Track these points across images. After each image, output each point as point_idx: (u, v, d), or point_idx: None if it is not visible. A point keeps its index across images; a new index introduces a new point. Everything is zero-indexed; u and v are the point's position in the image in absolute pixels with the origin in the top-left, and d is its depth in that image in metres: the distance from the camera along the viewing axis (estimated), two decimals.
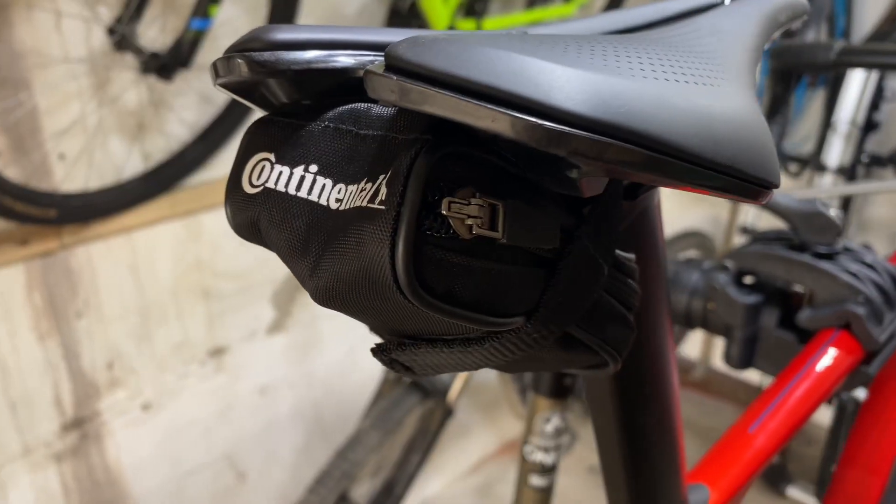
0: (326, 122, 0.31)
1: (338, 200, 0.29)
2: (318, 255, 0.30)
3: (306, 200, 0.30)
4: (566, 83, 0.24)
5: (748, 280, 0.82)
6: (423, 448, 1.57)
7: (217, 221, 1.49)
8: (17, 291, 1.27)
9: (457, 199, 0.27)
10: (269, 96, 0.33)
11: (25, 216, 1.21)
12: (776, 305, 0.80)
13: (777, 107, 1.11)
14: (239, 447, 1.64)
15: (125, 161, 1.35)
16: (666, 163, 0.26)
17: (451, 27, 1.54)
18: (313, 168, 0.31)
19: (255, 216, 0.32)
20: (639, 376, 0.47)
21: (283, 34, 0.30)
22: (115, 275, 1.38)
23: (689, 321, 0.84)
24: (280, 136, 0.32)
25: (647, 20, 0.42)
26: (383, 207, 0.27)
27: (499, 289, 0.29)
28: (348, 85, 0.31)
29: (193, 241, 1.47)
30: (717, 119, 0.29)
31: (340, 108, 0.32)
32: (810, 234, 0.76)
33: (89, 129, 1.30)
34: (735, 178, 0.29)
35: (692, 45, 0.35)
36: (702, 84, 0.30)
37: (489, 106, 0.24)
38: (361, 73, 0.29)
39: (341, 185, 0.30)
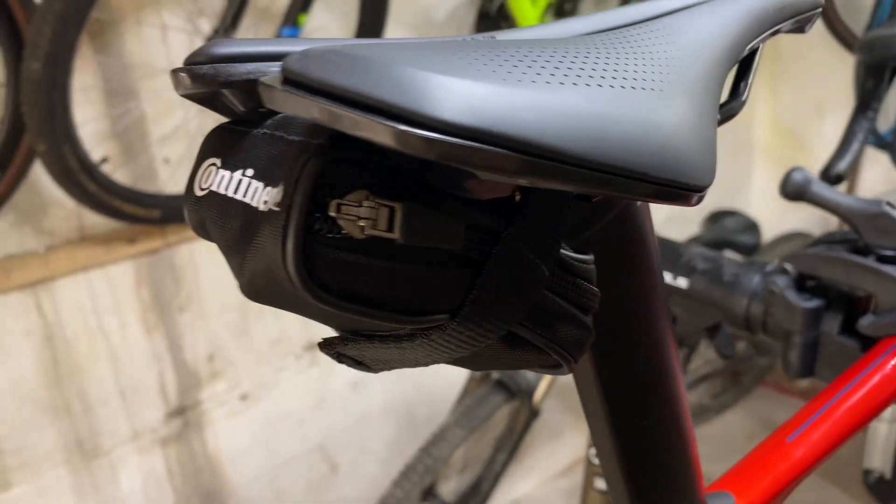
0: (265, 129, 0.33)
1: (265, 202, 0.31)
2: (244, 253, 0.32)
3: (242, 202, 0.33)
4: (439, 91, 0.25)
5: (810, 284, 0.79)
6: (509, 448, 1.58)
7: None
8: (127, 286, 1.37)
9: (346, 202, 0.28)
10: (229, 105, 0.36)
11: (132, 216, 1.30)
12: (838, 311, 0.76)
13: (868, 101, 1.05)
14: (332, 439, 1.70)
15: None
16: (546, 167, 0.26)
17: None
18: (249, 172, 0.33)
19: (203, 217, 0.35)
20: (630, 380, 0.47)
21: (224, 48, 0.33)
22: (216, 272, 1.46)
23: (749, 326, 0.81)
24: (228, 142, 0.35)
25: (631, 20, 0.42)
26: (279, 209, 0.29)
27: (408, 287, 0.30)
28: None
29: None
30: (624, 123, 0.29)
31: (278, 116, 0.34)
32: (874, 237, 0.72)
33: (191, 133, 1.38)
34: (645, 182, 0.29)
35: (643, 47, 0.35)
36: (621, 87, 0.30)
37: (360, 114, 0.25)
38: None
39: (269, 188, 0.32)
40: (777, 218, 2.03)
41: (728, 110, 0.42)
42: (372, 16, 1.43)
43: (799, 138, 2.13)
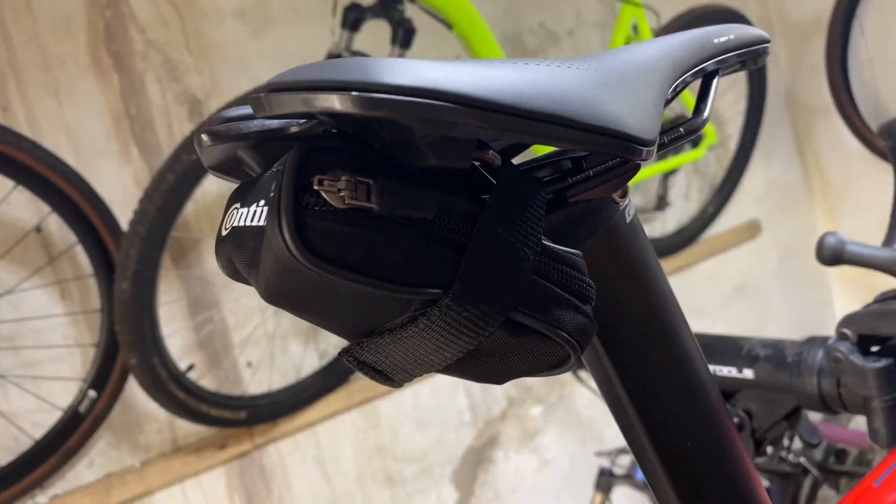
0: (273, 169, 0.39)
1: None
2: (259, 262, 0.36)
3: (255, 227, 0.38)
4: (389, 68, 0.31)
5: (874, 349, 0.77)
6: None
7: (392, 407, 1.58)
8: (220, 494, 1.40)
9: (327, 177, 0.33)
10: (248, 171, 0.42)
11: (220, 420, 1.36)
12: None
13: None
14: None
15: (302, 360, 1.49)
16: (475, 114, 0.31)
17: None
18: (262, 203, 0.38)
19: (228, 252, 0.40)
20: (659, 394, 0.47)
21: (234, 112, 0.39)
22: (304, 469, 1.48)
23: (826, 404, 0.78)
24: (247, 189, 0.40)
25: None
26: (273, 195, 0.33)
27: (396, 257, 0.33)
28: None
29: (372, 429, 1.55)
30: (548, 84, 0.33)
31: (283, 157, 0.39)
32: None
33: (269, 334, 1.46)
34: (572, 128, 0.34)
35: (592, 60, 0.40)
36: (556, 68, 0.35)
37: (325, 92, 0.30)
38: (291, 129, 0.38)
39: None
40: None
41: (691, 125, 0.46)
42: None
43: None
